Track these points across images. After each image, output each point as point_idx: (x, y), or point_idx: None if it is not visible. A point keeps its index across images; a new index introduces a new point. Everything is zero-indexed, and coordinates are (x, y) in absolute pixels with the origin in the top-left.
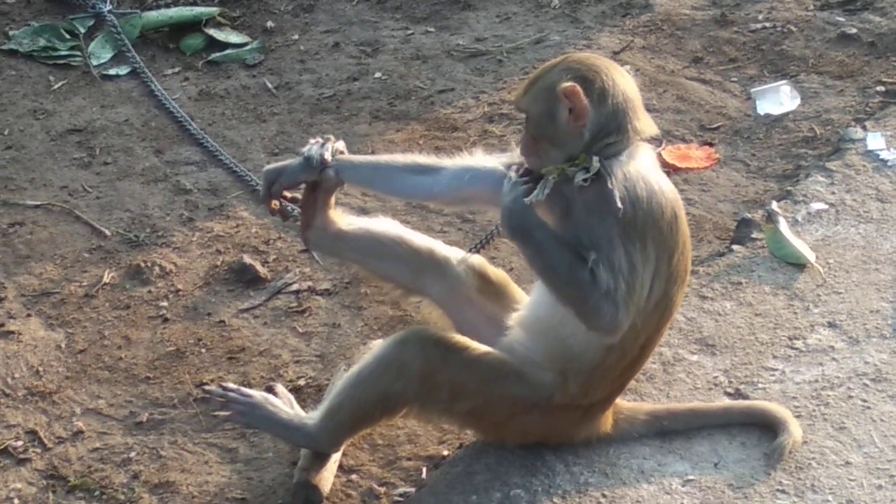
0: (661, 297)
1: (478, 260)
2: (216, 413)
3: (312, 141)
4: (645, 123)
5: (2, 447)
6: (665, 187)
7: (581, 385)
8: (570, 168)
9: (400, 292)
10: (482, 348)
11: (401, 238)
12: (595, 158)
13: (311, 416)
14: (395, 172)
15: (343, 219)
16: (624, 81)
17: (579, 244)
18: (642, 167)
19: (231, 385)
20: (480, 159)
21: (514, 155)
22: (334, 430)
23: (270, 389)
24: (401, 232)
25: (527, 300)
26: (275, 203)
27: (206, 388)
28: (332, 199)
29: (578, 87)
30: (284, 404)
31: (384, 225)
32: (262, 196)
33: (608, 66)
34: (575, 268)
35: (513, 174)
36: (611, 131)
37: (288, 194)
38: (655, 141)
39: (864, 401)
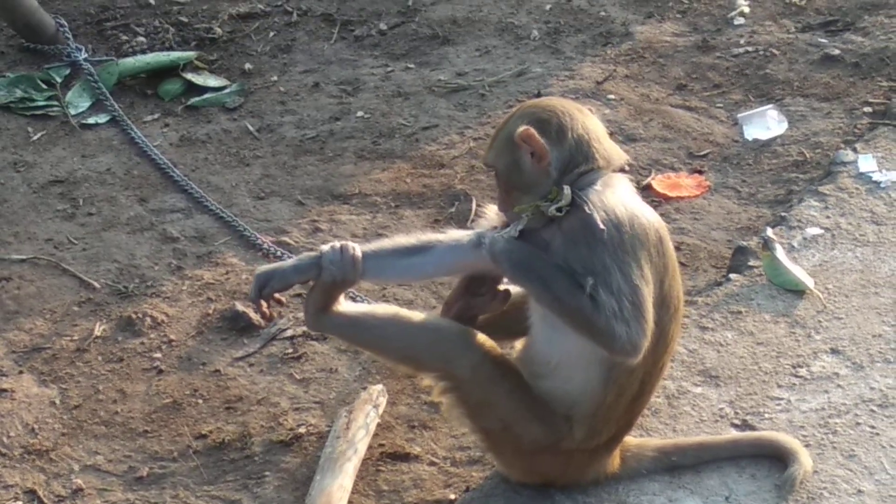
0: (654, 326)
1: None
2: None
3: (326, 249)
4: (613, 151)
5: None
6: (646, 211)
7: (586, 429)
8: (543, 203)
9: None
10: (525, 384)
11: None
12: (566, 188)
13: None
14: (394, 259)
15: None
16: (583, 116)
17: (575, 274)
18: (619, 193)
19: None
20: (462, 233)
21: (490, 220)
22: (334, 328)
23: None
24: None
25: (521, 344)
26: (264, 305)
27: None
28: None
29: (532, 129)
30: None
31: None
32: (251, 297)
33: (564, 105)
34: (576, 296)
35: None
36: (578, 164)
37: (277, 296)
38: (635, 171)
39: (873, 427)
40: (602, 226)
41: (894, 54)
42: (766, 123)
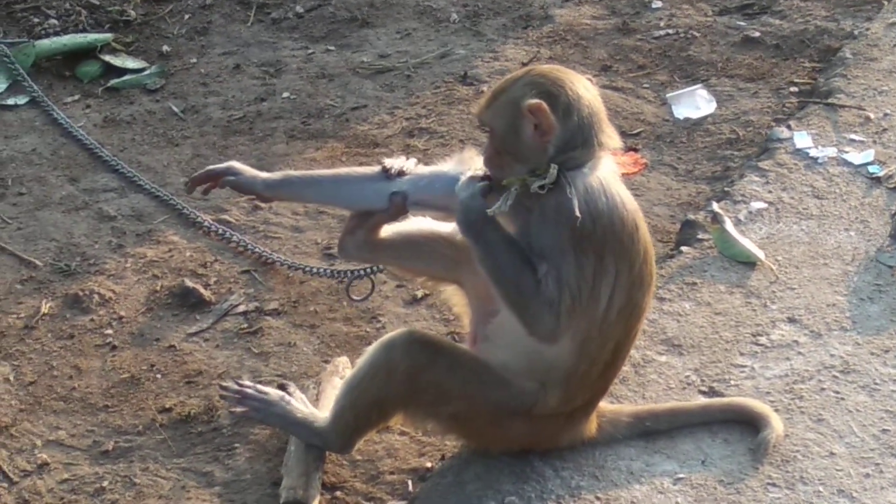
0: (625, 304)
1: None
2: (232, 409)
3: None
4: (609, 136)
5: None
6: (626, 198)
7: (560, 394)
8: (530, 178)
9: (432, 283)
10: (468, 353)
11: (435, 233)
12: (553, 166)
13: (323, 418)
14: (338, 183)
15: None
16: (588, 94)
17: (532, 252)
18: (604, 180)
19: (247, 382)
20: (433, 167)
21: (469, 160)
22: (343, 433)
23: (283, 388)
24: (434, 227)
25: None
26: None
27: (222, 384)
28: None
29: (545, 105)
30: (298, 403)
31: (416, 224)
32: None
33: (572, 80)
34: (522, 273)
35: (470, 174)
36: (576, 145)
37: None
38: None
39: (837, 392)
40: (578, 213)
41: (813, 36)
42: (695, 103)
